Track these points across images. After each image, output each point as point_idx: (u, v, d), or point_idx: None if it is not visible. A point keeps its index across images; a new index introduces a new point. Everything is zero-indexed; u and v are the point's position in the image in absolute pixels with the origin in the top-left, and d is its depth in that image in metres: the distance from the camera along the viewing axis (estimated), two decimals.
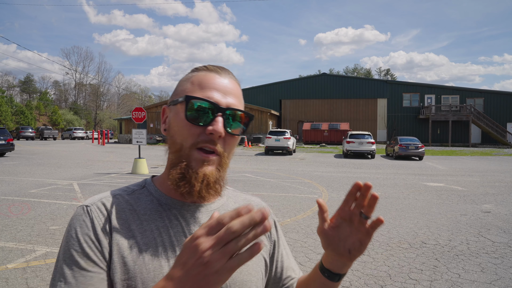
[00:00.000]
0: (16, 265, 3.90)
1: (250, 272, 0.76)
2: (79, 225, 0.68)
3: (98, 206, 0.71)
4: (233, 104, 0.72)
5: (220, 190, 0.74)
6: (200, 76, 0.74)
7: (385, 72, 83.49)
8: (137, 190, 0.77)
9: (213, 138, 0.69)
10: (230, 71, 0.78)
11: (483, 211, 6.96)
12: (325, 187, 9.69)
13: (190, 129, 0.70)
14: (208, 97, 0.70)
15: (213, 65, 0.78)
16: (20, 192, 8.15)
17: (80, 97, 74.66)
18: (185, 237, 0.71)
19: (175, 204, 0.74)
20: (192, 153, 0.70)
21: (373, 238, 5.11)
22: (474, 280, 3.71)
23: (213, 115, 0.70)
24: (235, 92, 0.75)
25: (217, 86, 0.73)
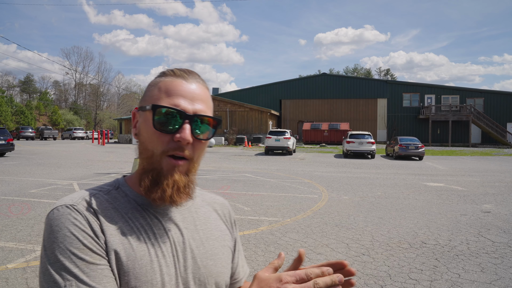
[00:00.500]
0: (16, 265, 3.90)
1: (223, 264, 0.82)
2: (71, 223, 0.67)
3: (84, 205, 0.71)
4: (200, 110, 0.74)
5: (190, 193, 0.77)
6: (167, 82, 0.75)
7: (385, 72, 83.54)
8: (112, 190, 0.78)
9: (181, 145, 0.72)
10: (197, 75, 0.80)
11: (483, 211, 6.96)
12: (325, 187, 9.69)
13: (159, 137, 0.72)
14: (174, 105, 0.72)
15: (180, 70, 0.79)
16: (20, 192, 8.15)
17: (80, 97, 74.66)
18: (166, 234, 0.75)
19: (151, 204, 0.77)
20: (163, 160, 0.73)
21: (373, 238, 5.11)
22: (474, 280, 3.71)
23: (180, 122, 0.72)
24: (203, 97, 0.76)
25: (184, 92, 0.74)
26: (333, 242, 4.91)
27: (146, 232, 0.73)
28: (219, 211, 0.90)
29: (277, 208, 6.97)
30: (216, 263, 0.80)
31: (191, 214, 0.82)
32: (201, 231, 0.82)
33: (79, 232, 0.66)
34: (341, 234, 5.29)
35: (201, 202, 0.88)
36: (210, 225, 0.85)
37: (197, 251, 0.78)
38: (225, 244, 0.86)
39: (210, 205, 0.90)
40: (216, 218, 0.88)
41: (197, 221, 0.82)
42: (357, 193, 8.88)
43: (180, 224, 0.78)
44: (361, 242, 4.95)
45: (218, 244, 0.83)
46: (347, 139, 21.47)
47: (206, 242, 0.81)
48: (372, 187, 9.81)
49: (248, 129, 34.56)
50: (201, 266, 0.77)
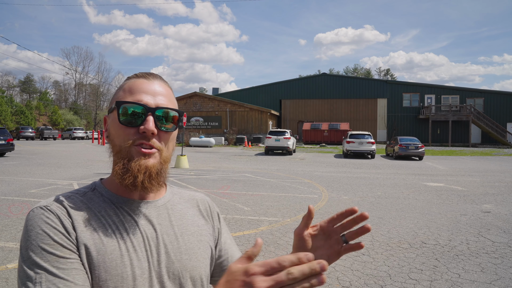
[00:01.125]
0: (16, 265, 3.90)
1: (198, 258, 0.83)
2: (44, 222, 0.71)
3: (57, 205, 0.75)
4: (162, 104, 0.79)
5: (162, 182, 0.81)
6: (130, 83, 0.81)
7: (385, 72, 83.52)
8: (88, 192, 0.82)
9: (147, 135, 0.76)
10: (159, 76, 0.85)
11: (483, 211, 6.96)
12: (325, 187, 9.69)
13: (125, 130, 0.77)
14: (138, 100, 0.77)
15: (143, 72, 0.85)
16: (20, 192, 8.15)
17: (80, 97, 74.67)
18: (139, 229, 0.78)
19: (125, 201, 0.80)
20: (131, 150, 0.76)
21: (373, 238, 5.11)
22: (474, 280, 3.71)
23: (144, 115, 0.76)
24: (164, 93, 0.82)
25: (146, 89, 0.80)
26: None
27: (118, 228, 0.76)
28: (199, 207, 0.93)
29: (277, 208, 6.97)
30: (191, 257, 0.82)
31: (166, 210, 0.84)
32: (176, 226, 0.83)
33: (51, 230, 0.70)
34: None
35: (179, 199, 0.90)
36: (186, 221, 0.86)
37: (170, 246, 0.79)
38: (202, 239, 0.87)
39: (188, 202, 0.92)
40: (194, 214, 0.90)
41: (172, 217, 0.84)
42: (357, 193, 8.88)
43: (153, 220, 0.81)
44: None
45: (194, 239, 0.85)
46: (347, 139, 21.47)
47: (180, 237, 0.82)
48: (372, 187, 9.81)
49: (248, 129, 34.56)
50: (174, 260, 0.79)
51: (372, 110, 39.17)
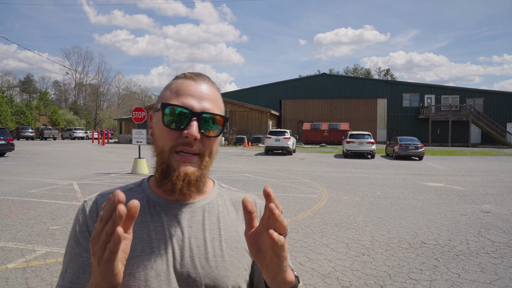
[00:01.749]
0: (16, 265, 3.90)
1: (227, 267, 0.78)
2: (77, 219, 0.80)
3: (92, 202, 0.81)
4: (208, 108, 0.77)
5: (201, 188, 0.80)
6: (178, 84, 0.80)
7: (384, 72, 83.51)
8: (133, 188, 0.85)
9: (189, 141, 0.75)
10: (207, 77, 0.84)
11: (483, 211, 6.96)
12: (325, 187, 9.69)
13: (168, 133, 0.76)
14: (183, 103, 0.76)
15: (191, 73, 0.83)
16: (20, 192, 8.15)
17: (80, 97, 74.64)
18: (164, 232, 0.77)
19: (161, 201, 0.80)
20: (172, 156, 0.76)
21: (373, 238, 5.11)
22: (474, 280, 3.72)
23: (188, 119, 0.75)
24: (211, 96, 0.80)
25: (192, 92, 0.78)
26: (333, 242, 4.92)
27: (141, 229, 0.77)
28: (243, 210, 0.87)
29: None
30: (218, 265, 0.78)
31: (202, 213, 0.82)
32: (208, 231, 0.80)
33: (79, 227, 0.79)
34: (341, 234, 5.29)
35: (223, 202, 0.87)
36: (224, 226, 0.83)
37: (196, 251, 0.77)
38: (239, 246, 0.82)
39: (233, 205, 0.87)
40: (235, 219, 0.85)
41: (207, 221, 0.81)
42: (357, 193, 8.88)
43: (184, 222, 0.79)
44: (361, 242, 4.95)
45: (227, 245, 0.81)
46: (347, 139, 21.47)
47: (210, 243, 0.79)
48: (372, 187, 9.81)
49: (248, 129, 34.55)
50: (198, 266, 0.76)
51: (372, 110, 39.17)
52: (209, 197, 0.85)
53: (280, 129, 22.48)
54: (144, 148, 12.79)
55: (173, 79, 0.84)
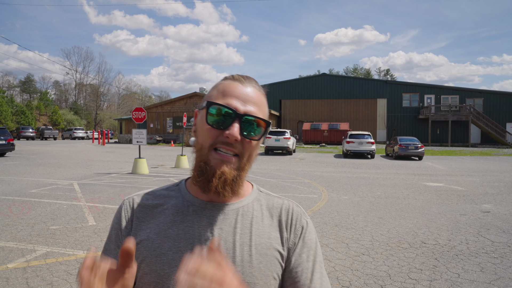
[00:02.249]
0: (16, 264, 3.91)
1: (254, 274, 0.76)
2: (115, 216, 0.86)
3: (129, 201, 0.87)
4: (251, 111, 0.78)
5: (236, 190, 0.80)
6: (225, 85, 0.81)
7: (384, 72, 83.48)
8: (171, 187, 0.89)
9: (229, 141, 0.75)
10: (255, 81, 0.84)
11: (482, 211, 6.97)
12: (325, 187, 9.70)
13: (209, 131, 0.77)
14: (228, 104, 0.77)
15: (240, 75, 0.84)
16: (20, 192, 8.15)
17: (81, 97, 74.66)
18: (193, 232, 0.78)
19: (195, 202, 0.82)
20: (211, 153, 0.77)
21: (373, 238, 5.12)
22: (474, 279, 3.72)
23: (231, 120, 0.76)
24: (256, 100, 0.80)
25: (238, 94, 0.79)
26: (333, 242, 4.92)
27: (172, 227, 0.79)
28: (280, 217, 0.84)
29: None
30: (245, 270, 0.76)
31: (235, 216, 0.81)
32: (239, 234, 0.79)
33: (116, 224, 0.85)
34: (341, 234, 5.30)
35: (259, 206, 0.85)
36: (256, 231, 0.80)
37: (224, 254, 0.75)
38: (269, 253, 0.79)
39: (269, 210, 0.85)
40: (269, 224, 0.83)
41: (239, 224, 0.80)
42: (357, 193, 8.89)
43: (215, 224, 0.79)
44: (360, 242, 4.96)
45: (257, 251, 0.78)
46: (347, 139, 21.48)
47: (239, 247, 0.77)
48: (372, 187, 9.82)
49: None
50: None
51: (372, 110, 39.17)
52: (244, 200, 0.84)
53: (280, 129, 22.49)
54: (144, 148, 12.81)
55: (222, 79, 0.85)
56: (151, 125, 36.38)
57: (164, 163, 15.86)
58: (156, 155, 20.36)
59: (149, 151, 23.01)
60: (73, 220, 5.78)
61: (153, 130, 36.41)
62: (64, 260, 4.09)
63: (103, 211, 6.48)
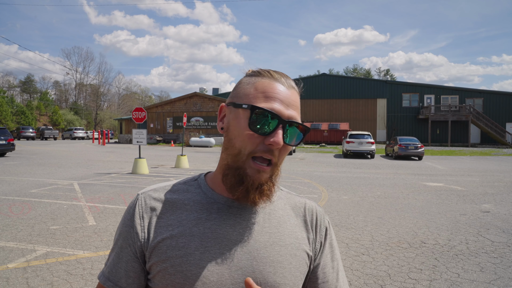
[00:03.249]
0: (16, 264, 3.91)
1: (285, 274, 0.75)
2: (127, 211, 0.80)
3: (146, 196, 0.80)
4: (293, 117, 0.74)
5: (271, 196, 0.76)
6: (265, 84, 0.75)
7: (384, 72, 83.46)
8: (189, 181, 0.83)
9: (272, 149, 0.71)
10: (292, 80, 0.79)
11: (482, 211, 6.97)
12: (324, 187, 9.70)
13: (250, 137, 0.72)
14: (272, 109, 0.72)
15: (277, 72, 0.78)
16: (20, 192, 8.16)
17: (81, 97, 74.67)
18: (220, 231, 0.75)
19: (219, 199, 0.78)
20: (249, 162, 0.72)
21: (373, 238, 5.12)
22: (474, 279, 3.73)
23: (275, 126, 0.71)
24: (296, 103, 0.76)
25: (281, 97, 0.73)
26: None
27: (197, 225, 0.75)
28: (304, 217, 0.84)
29: None
30: (276, 271, 0.74)
31: (263, 215, 0.79)
32: (268, 234, 0.77)
33: (126, 221, 0.79)
34: (340, 234, 5.30)
35: (283, 205, 0.84)
36: (284, 230, 0.79)
37: (255, 254, 0.74)
38: (298, 254, 0.78)
39: (293, 210, 0.84)
40: (295, 224, 0.82)
41: (267, 224, 0.78)
42: (357, 193, 8.89)
43: (243, 223, 0.76)
44: (360, 241, 4.96)
45: (287, 252, 0.77)
46: (346, 139, 21.48)
47: (270, 247, 0.75)
48: (371, 187, 9.82)
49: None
50: (256, 270, 0.72)
51: (372, 110, 39.18)
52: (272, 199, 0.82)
53: None
54: (144, 148, 12.81)
55: (255, 75, 0.78)
56: (151, 125, 36.39)
57: (164, 163, 15.86)
58: (156, 155, 20.36)
59: (149, 151, 23.00)
60: (73, 220, 5.79)
61: (153, 130, 36.42)
62: (64, 260, 4.09)
63: (103, 211, 6.48)
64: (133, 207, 0.79)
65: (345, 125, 33.59)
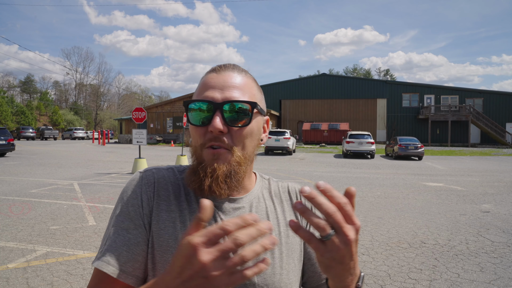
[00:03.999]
0: (16, 265, 3.91)
1: (283, 266, 0.74)
2: (130, 190, 0.76)
3: (149, 175, 0.77)
4: (231, 97, 0.71)
5: (236, 185, 0.72)
6: (204, 78, 0.76)
7: (384, 72, 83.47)
8: (186, 169, 0.80)
9: (215, 135, 0.70)
10: (233, 65, 0.78)
11: (482, 211, 6.97)
12: None
13: (196, 130, 0.73)
14: (204, 97, 0.72)
15: (219, 65, 0.78)
16: (20, 192, 8.16)
17: (81, 97, 74.69)
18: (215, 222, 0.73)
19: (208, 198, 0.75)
20: (203, 152, 0.72)
21: (373, 238, 5.12)
22: (473, 279, 3.73)
23: (210, 113, 0.70)
24: (237, 84, 0.73)
25: (215, 83, 0.73)
26: None
27: (183, 220, 0.73)
28: (291, 200, 0.83)
29: None
30: (281, 272, 0.73)
31: (249, 208, 0.77)
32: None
33: (132, 199, 0.74)
34: None
35: (268, 194, 0.82)
36: (273, 220, 0.78)
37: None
38: (289, 241, 0.77)
39: (277, 197, 0.83)
40: (282, 211, 0.80)
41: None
42: (357, 193, 8.89)
43: (231, 215, 0.75)
44: (360, 241, 4.96)
45: (280, 241, 0.76)
46: (346, 139, 21.48)
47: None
48: (371, 187, 9.82)
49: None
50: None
51: (372, 110, 39.17)
52: (254, 191, 0.81)
53: (280, 129, 22.49)
54: (144, 148, 12.81)
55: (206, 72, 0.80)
56: (151, 125, 36.39)
57: (164, 163, 15.85)
58: (156, 155, 20.35)
59: (149, 151, 23.00)
60: (73, 220, 5.79)
61: (153, 130, 36.43)
62: (64, 260, 4.09)
63: (103, 211, 6.48)
64: (140, 185, 0.76)
65: (345, 125, 33.58)
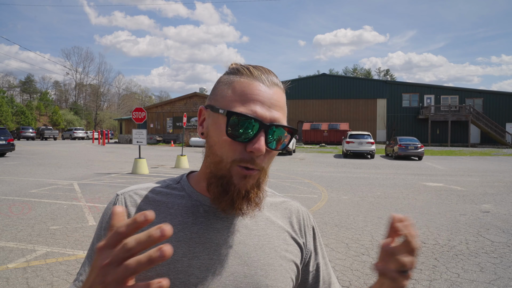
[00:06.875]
0: (16, 265, 3.91)
1: (277, 277, 0.72)
2: (105, 213, 0.75)
3: (128, 197, 0.74)
4: (277, 119, 0.67)
5: (259, 203, 0.71)
6: (243, 84, 0.68)
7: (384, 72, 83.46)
8: (171, 184, 0.77)
9: (254, 156, 0.66)
10: (275, 76, 0.72)
11: (482, 211, 6.97)
12: (324, 187, 9.70)
13: (230, 144, 0.66)
14: (251, 112, 0.65)
15: (257, 69, 0.71)
16: (20, 192, 8.16)
17: (81, 97, 74.70)
18: (208, 235, 0.70)
19: (205, 201, 0.73)
20: (233, 169, 0.66)
21: (373, 238, 5.12)
22: (473, 279, 3.73)
23: (256, 132, 0.65)
24: (280, 103, 0.69)
25: (262, 98, 0.66)
26: (333, 242, 4.93)
27: (183, 230, 0.69)
28: (290, 218, 0.81)
29: None
30: (268, 274, 0.71)
31: (248, 218, 0.75)
32: (257, 237, 0.73)
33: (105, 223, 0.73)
34: (340, 234, 5.30)
35: (269, 206, 0.80)
36: (272, 232, 0.76)
37: (245, 258, 0.70)
38: (287, 256, 0.76)
39: (278, 210, 0.81)
40: (281, 225, 0.79)
41: (254, 226, 0.74)
42: (357, 193, 8.89)
43: (231, 227, 0.72)
44: (360, 242, 4.97)
45: (276, 254, 0.74)
46: (346, 139, 21.48)
47: (260, 250, 0.72)
48: (371, 187, 9.82)
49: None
50: (248, 275, 0.69)
51: (372, 110, 39.17)
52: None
53: None
54: (144, 148, 12.81)
55: (233, 73, 0.71)
56: (151, 125, 36.39)
57: (164, 163, 15.86)
58: (156, 155, 20.35)
59: (149, 151, 23.00)
60: (73, 220, 5.79)
61: (153, 130, 36.42)
62: (64, 260, 4.09)
63: (103, 211, 6.48)
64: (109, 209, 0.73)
65: (345, 125, 33.58)
